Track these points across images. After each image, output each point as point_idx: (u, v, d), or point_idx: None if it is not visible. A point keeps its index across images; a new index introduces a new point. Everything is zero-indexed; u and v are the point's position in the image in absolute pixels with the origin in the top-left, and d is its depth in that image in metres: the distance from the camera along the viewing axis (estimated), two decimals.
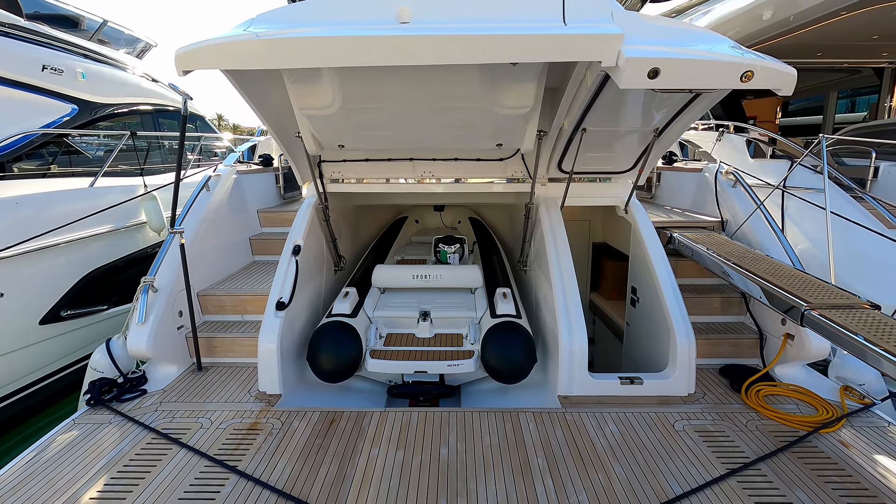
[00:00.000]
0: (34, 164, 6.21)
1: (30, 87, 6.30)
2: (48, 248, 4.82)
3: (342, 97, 2.80)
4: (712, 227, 4.53)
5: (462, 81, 2.68)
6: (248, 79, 2.91)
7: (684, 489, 2.28)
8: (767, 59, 2.18)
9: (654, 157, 3.77)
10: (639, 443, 2.64)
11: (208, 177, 4.49)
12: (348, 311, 3.55)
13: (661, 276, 3.41)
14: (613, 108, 3.11)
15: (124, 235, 5.97)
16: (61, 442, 2.67)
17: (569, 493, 2.27)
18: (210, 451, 2.57)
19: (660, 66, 2.04)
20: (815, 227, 4.77)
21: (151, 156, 8.43)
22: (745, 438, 2.67)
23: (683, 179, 5.47)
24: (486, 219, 6.44)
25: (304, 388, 3.40)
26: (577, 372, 3.12)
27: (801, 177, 5.24)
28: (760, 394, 3.08)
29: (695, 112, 3.13)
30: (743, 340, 3.60)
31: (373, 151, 3.81)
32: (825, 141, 3.97)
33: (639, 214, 3.81)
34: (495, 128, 3.18)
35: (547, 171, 3.96)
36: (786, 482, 2.32)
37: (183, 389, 3.25)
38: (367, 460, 2.51)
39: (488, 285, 4.14)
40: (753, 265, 3.25)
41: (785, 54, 2.23)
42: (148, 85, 8.88)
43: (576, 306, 3.29)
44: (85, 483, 2.34)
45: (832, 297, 2.68)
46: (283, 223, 5.21)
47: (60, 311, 5.11)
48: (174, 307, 3.53)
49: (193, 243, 3.84)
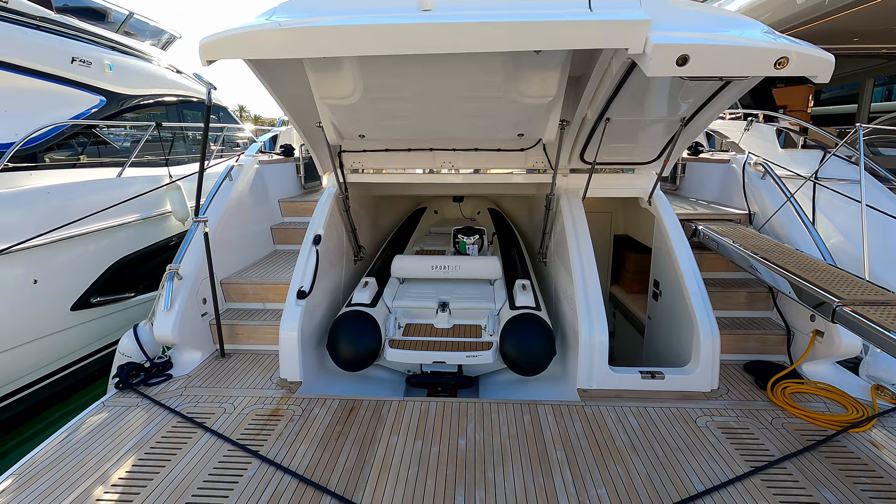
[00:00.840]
0: (65, 155, 6.38)
1: (60, 79, 6.47)
2: (78, 237, 4.97)
3: (363, 86, 2.79)
4: (739, 220, 4.40)
5: (484, 70, 2.64)
6: (270, 68, 2.93)
7: (706, 486, 2.24)
8: (803, 45, 2.09)
9: (679, 148, 3.68)
10: (659, 438, 2.60)
11: (231, 167, 4.55)
12: (368, 301, 3.57)
13: (685, 270, 3.33)
14: (639, 96, 3.03)
15: (150, 225, 6.12)
16: (92, 423, 2.76)
17: (587, 485, 2.25)
18: (233, 436, 2.63)
19: (689, 52, 1.97)
20: (848, 220, 4.60)
21: (176, 146, 8.59)
22: (771, 436, 2.60)
23: (710, 171, 5.33)
24: (506, 210, 6.39)
25: (324, 376, 3.44)
26: (597, 365, 3.09)
27: (834, 168, 5.05)
28: (787, 391, 3.00)
29: (724, 101, 3.03)
30: (769, 336, 3.50)
31: (393, 141, 3.80)
32: (862, 130, 3.81)
33: (662, 206, 3.73)
34: (517, 117, 3.14)
35: (569, 161, 3.89)
36: (812, 482, 2.26)
37: (207, 375, 3.33)
38: (387, 448, 2.53)
39: (507, 277, 4.11)
40: (782, 259, 3.16)
41: (819, 40, 2.13)
42: (172, 76, 9.03)
43: (597, 299, 3.24)
44: (114, 463, 2.42)
45: (866, 292, 2.59)
46: (303, 213, 5.26)
47: (91, 298, 5.27)
48: (198, 294, 3.60)
49: (217, 232, 3.90)
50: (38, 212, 4.59)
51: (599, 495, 2.20)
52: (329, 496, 2.20)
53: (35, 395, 4.94)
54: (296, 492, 2.23)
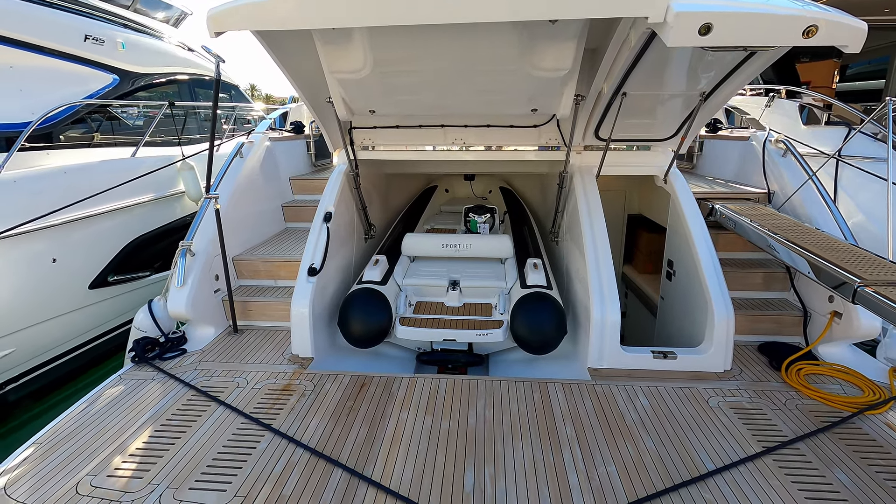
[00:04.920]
0: (79, 132, 6.42)
1: (73, 58, 6.47)
2: (95, 217, 5.04)
3: (373, 60, 2.74)
4: (757, 199, 4.29)
5: (497, 42, 2.56)
6: (279, 41, 2.88)
7: (717, 465, 2.23)
8: (833, 12, 1.98)
9: (698, 124, 3.57)
10: (671, 417, 2.59)
11: (241, 143, 4.54)
12: (378, 279, 3.58)
13: (701, 249, 3.27)
14: (658, 70, 2.93)
15: (165, 204, 6.17)
16: (109, 396, 2.83)
17: (597, 463, 2.26)
18: (246, 410, 2.68)
19: (713, 20, 1.88)
20: (873, 199, 4.46)
21: (188, 125, 8.59)
22: (784, 417, 2.57)
23: (728, 148, 5.18)
24: (518, 188, 6.32)
25: (335, 352, 3.47)
26: (609, 345, 3.07)
27: (859, 145, 4.88)
28: (802, 373, 2.96)
29: (747, 74, 2.92)
30: (785, 317, 3.44)
31: (404, 118, 3.75)
32: (892, 104, 3.65)
33: (679, 185, 3.64)
34: (531, 92, 3.06)
35: (583, 138, 3.81)
36: (825, 462, 2.24)
37: (220, 350, 3.38)
38: (397, 424, 2.55)
39: (519, 256, 4.08)
40: (801, 238, 3.08)
41: (846, 10, 2.02)
42: (184, 54, 8.99)
43: (609, 279, 3.21)
44: (132, 434, 2.48)
45: (889, 273, 2.51)
46: (314, 191, 5.25)
47: (108, 277, 5.37)
48: (211, 271, 3.64)
49: (228, 209, 3.92)
50: (55, 193, 4.65)
51: (609, 472, 2.20)
52: (340, 469, 2.23)
53: (56, 371, 5.08)
54: (308, 464, 2.27)
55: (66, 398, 5.01)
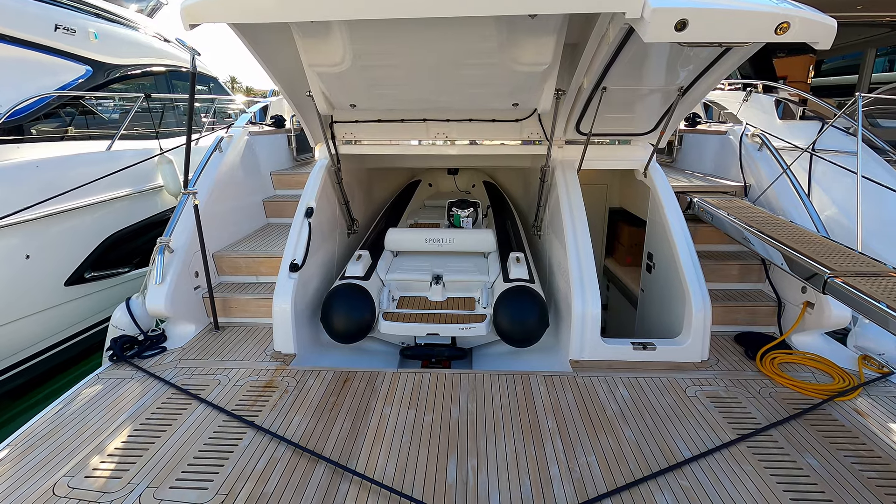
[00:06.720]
0: (52, 126, 6.24)
1: (43, 48, 6.26)
2: (70, 212, 4.91)
3: (353, 52, 2.71)
4: (734, 192, 4.38)
5: (477, 36, 2.56)
6: (257, 34, 2.84)
7: (693, 453, 2.29)
8: (806, 9, 2.03)
9: (676, 118, 3.62)
10: (649, 407, 2.65)
11: (220, 137, 4.46)
12: (361, 274, 3.57)
13: (679, 242, 3.33)
14: (636, 65, 2.97)
15: (143, 199, 6.04)
16: (87, 395, 2.78)
17: (578, 454, 2.30)
18: (228, 407, 2.66)
19: (688, 17, 1.91)
20: (844, 193, 4.58)
21: (166, 118, 8.41)
22: (758, 405, 2.65)
23: (706, 142, 5.27)
24: (501, 182, 6.34)
25: (318, 348, 3.46)
26: (590, 337, 3.11)
27: (832, 139, 5.00)
28: (775, 361, 3.05)
29: (723, 69, 2.97)
30: (760, 308, 3.53)
31: (385, 112, 3.73)
32: (861, 100, 3.75)
33: (658, 178, 3.70)
34: (512, 86, 3.07)
35: (564, 132, 3.84)
36: (797, 448, 2.31)
37: (201, 347, 3.34)
38: (380, 418, 2.56)
39: (501, 250, 4.10)
40: (776, 231, 3.15)
41: (820, 7, 2.07)
42: (160, 45, 8.77)
43: (590, 272, 3.25)
44: (110, 433, 2.45)
45: (857, 264, 2.59)
46: (296, 185, 5.20)
47: (84, 273, 5.24)
48: (190, 267, 3.58)
49: (207, 205, 3.86)
50: (27, 187, 4.51)
51: (589, 463, 2.24)
52: (323, 463, 2.23)
53: (32, 371, 4.96)
54: (291, 459, 2.27)
55: (43, 399, 4.91)
